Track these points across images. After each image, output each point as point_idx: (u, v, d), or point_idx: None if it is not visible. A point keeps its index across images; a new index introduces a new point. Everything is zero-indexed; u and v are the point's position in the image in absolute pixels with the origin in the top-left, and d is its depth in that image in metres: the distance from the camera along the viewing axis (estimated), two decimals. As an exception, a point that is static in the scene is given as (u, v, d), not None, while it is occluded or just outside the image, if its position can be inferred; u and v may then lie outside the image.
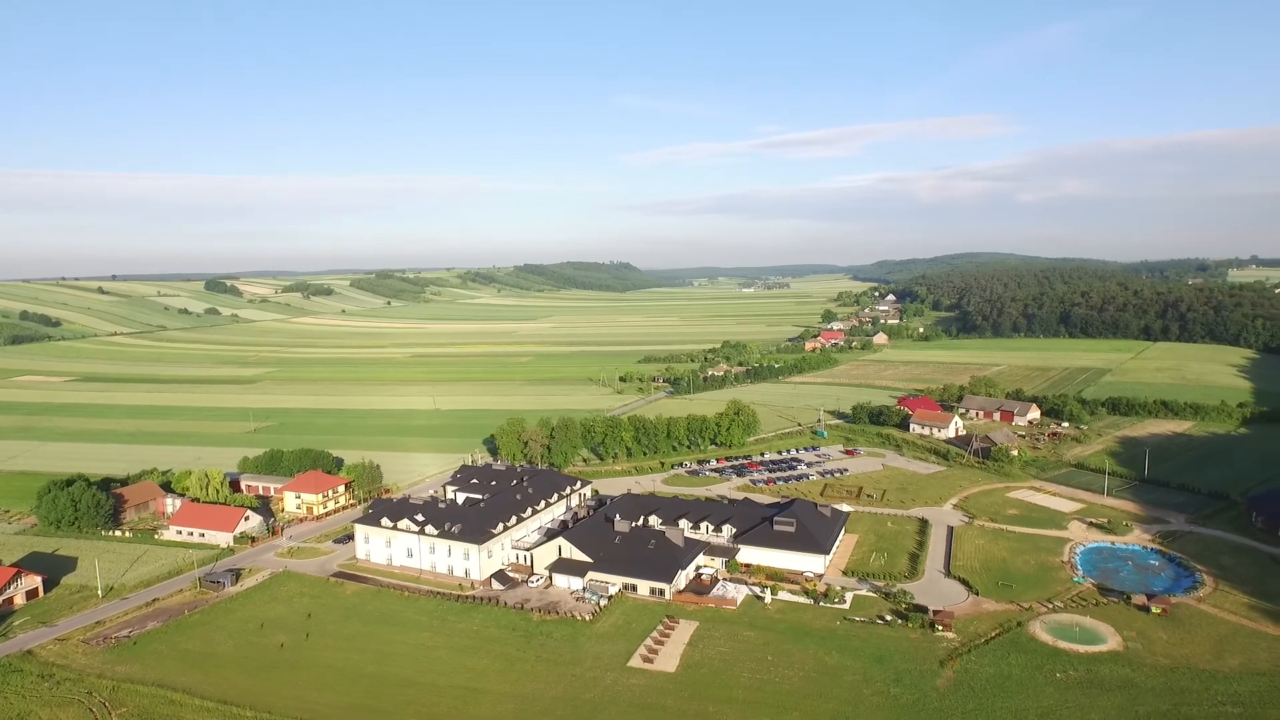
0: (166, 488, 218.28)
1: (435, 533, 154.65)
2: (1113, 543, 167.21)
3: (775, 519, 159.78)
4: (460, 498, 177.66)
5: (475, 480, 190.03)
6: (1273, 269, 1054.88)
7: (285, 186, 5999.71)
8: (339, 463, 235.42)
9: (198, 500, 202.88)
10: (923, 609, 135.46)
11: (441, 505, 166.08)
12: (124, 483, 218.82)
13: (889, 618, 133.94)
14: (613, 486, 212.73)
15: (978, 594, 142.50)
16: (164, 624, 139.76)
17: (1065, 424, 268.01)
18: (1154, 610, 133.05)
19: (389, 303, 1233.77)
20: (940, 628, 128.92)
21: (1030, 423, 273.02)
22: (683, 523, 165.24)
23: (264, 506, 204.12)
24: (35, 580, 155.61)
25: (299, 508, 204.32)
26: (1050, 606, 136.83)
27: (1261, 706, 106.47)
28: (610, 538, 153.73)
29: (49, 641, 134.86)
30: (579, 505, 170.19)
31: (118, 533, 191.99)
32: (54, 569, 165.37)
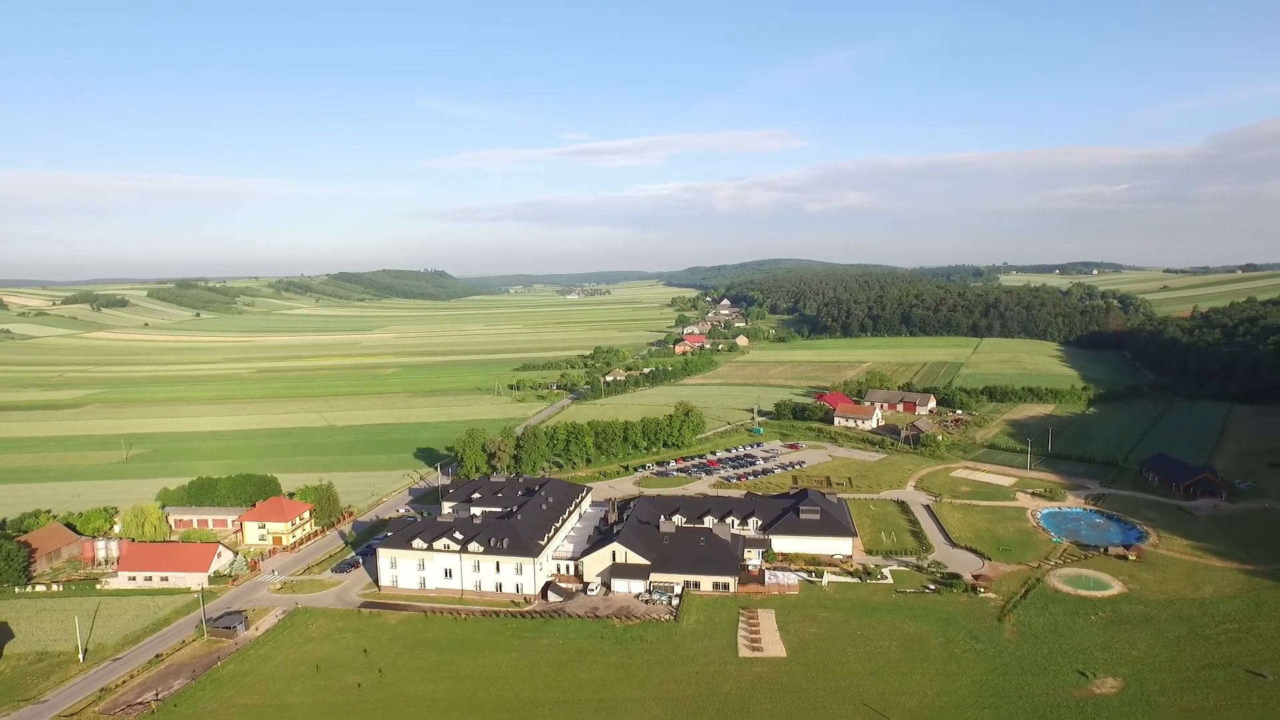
0: (72, 530, 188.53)
1: (480, 550, 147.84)
2: (1059, 508, 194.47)
3: (801, 508, 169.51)
4: (477, 512, 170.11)
5: (478, 494, 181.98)
6: (1031, 274, 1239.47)
7: (39, 183, 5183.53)
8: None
9: (134, 540, 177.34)
10: (957, 576, 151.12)
11: (476, 521, 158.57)
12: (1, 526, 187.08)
13: (933, 587, 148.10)
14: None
15: (990, 559, 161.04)
16: (194, 680, 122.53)
17: (959, 411, 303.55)
18: (1131, 558, 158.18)
19: (198, 314, 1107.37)
20: (982, 590, 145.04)
21: (931, 411, 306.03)
22: (708, 520, 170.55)
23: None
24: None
25: (263, 539, 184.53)
26: (1052, 564, 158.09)
27: (1250, 620, 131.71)
28: (659, 539, 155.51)
29: (53, 719, 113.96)
30: (609, 511, 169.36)
31: (40, 588, 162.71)
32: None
